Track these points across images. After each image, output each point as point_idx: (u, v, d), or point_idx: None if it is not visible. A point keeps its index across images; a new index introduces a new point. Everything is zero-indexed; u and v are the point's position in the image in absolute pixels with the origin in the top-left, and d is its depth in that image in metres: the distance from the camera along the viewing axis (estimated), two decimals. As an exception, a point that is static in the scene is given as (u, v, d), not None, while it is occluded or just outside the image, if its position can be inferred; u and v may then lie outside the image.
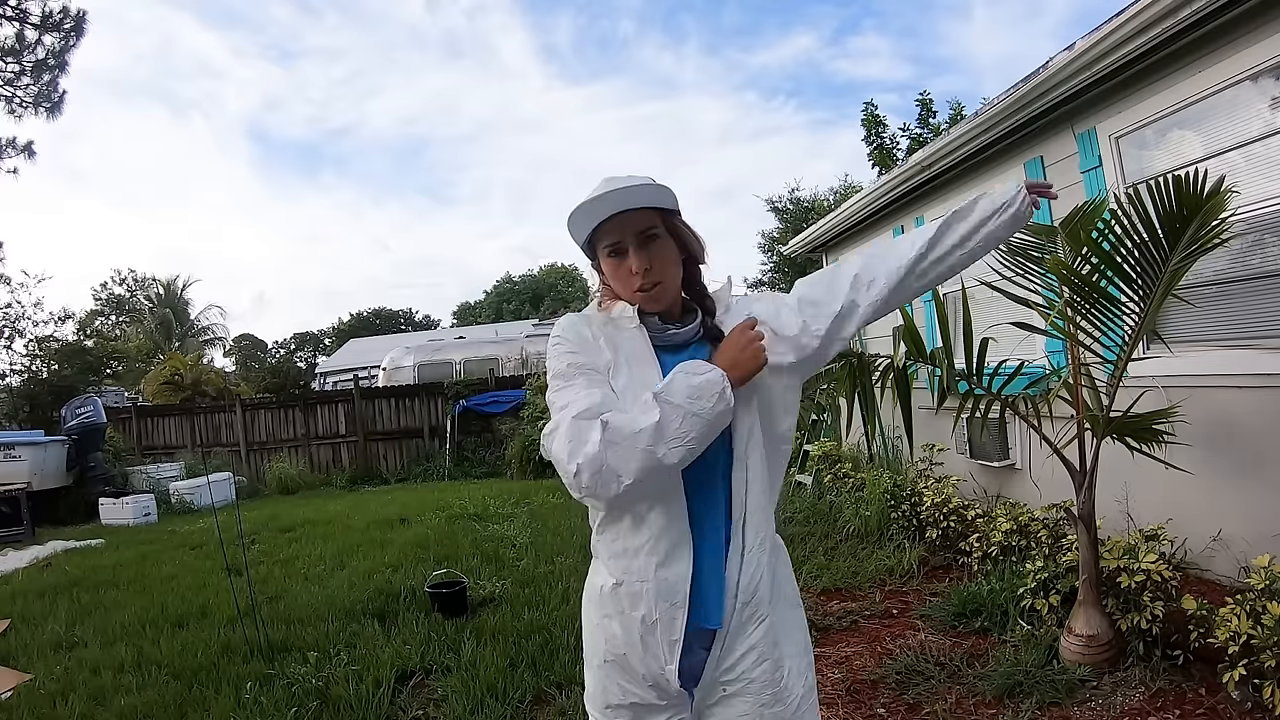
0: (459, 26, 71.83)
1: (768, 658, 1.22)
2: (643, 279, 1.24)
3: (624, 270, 1.26)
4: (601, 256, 1.29)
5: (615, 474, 1.09)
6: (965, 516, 3.98)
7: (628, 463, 1.09)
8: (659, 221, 1.26)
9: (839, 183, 19.78)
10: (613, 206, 1.22)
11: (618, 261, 1.26)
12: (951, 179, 5.21)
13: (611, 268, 1.28)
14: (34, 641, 3.88)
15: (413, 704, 2.91)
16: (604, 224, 1.25)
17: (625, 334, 1.27)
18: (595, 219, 1.24)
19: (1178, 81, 3.30)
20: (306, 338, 42.06)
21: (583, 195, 1.23)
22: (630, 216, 1.23)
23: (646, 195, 1.23)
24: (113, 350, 19.92)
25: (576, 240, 1.30)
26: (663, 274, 1.26)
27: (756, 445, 1.22)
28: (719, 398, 1.13)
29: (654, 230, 1.25)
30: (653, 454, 1.09)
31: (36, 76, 10.56)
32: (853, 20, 59.90)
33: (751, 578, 1.21)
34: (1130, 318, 2.57)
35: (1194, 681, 2.47)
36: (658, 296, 1.27)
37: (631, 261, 1.24)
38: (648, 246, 1.25)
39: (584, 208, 1.22)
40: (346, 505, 8.54)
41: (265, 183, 73.69)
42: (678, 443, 1.10)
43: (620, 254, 1.26)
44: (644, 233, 1.25)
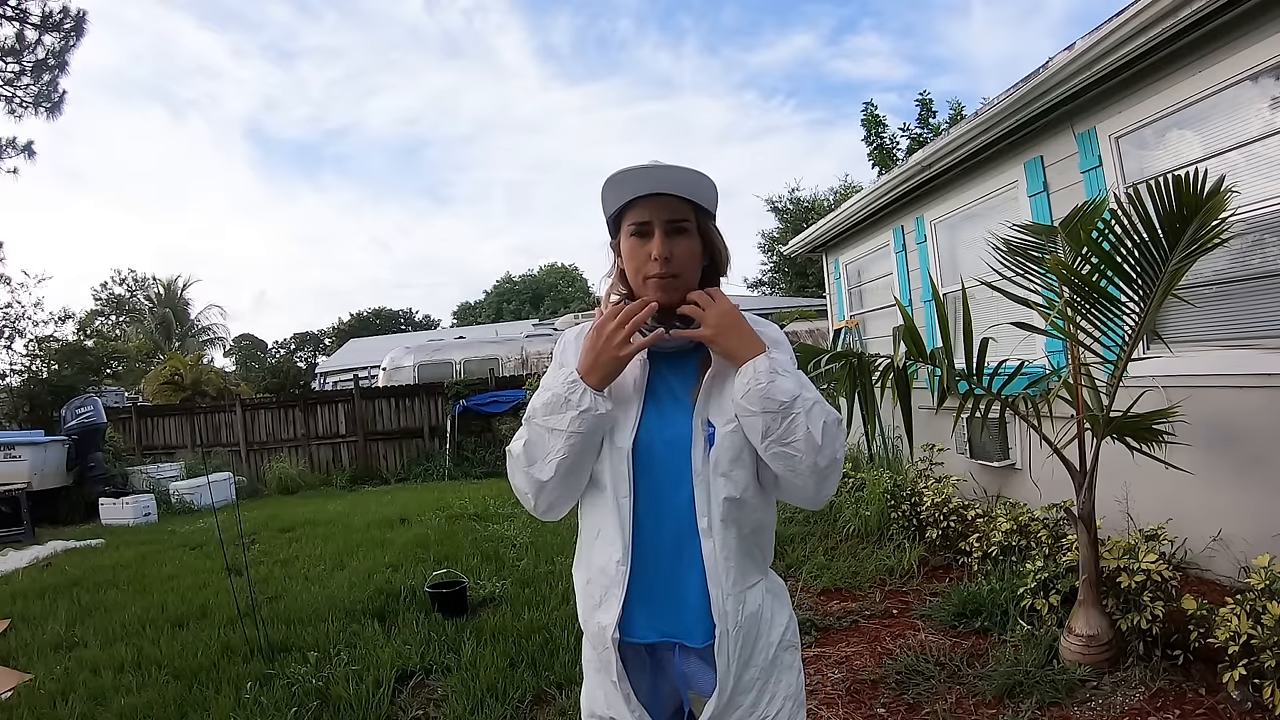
0: (457, 26, 71.93)
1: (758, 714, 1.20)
2: (661, 267, 1.19)
3: (643, 253, 1.20)
4: (624, 235, 1.24)
5: (521, 493, 1.23)
6: (965, 516, 3.98)
7: (520, 484, 1.22)
8: (692, 216, 1.21)
9: (839, 183, 19.83)
10: (651, 184, 1.18)
11: (639, 242, 1.21)
12: (951, 179, 5.21)
13: (631, 247, 1.22)
14: (34, 641, 3.88)
15: (413, 704, 2.91)
16: (637, 201, 1.20)
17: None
18: (631, 191, 1.19)
19: (1178, 81, 3.30)
20: (306, 338, 42.08)
21: (625, 171, 1.19)
22: (666, 201, 1.18)
23: (689, 183, 1.19)
24: (113, 350, 19.91)
25: (605, 209, 1.25)
26: (682, 268, 1.21)
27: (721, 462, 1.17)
28: (571, 407, 1.14)
29: (685, 223, 1.20)
30: (530, 475, 1.19)
31: (36, 76, 10.56)
32: (851, 20, 60.02)
33: (734, 603, 1.17)
34: (1130, 318, 2.57)
35: (1194, 681, 2.47)
36: (670, 287, 1.21)
37: (654, 245, 1.19)
38: (674, 237, 1.20)
39: (622, 177, 1.18)
40: (346, 505, 8.53)
41: (265, 183, 73.86)
42: (548, 459, 1.16)
43: (644, 235, 1.20)
44: (675, 222, 1.20)
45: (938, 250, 5.59)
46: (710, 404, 1.19)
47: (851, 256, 7.43)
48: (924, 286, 5.61)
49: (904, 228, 6.07)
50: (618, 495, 1.19)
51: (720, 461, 1.16)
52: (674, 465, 1.18)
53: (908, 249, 6.04)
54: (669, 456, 1.19)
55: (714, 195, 1.23)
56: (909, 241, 6.00)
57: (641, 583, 1.20)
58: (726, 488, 1.16)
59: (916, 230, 5.83)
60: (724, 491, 1.16)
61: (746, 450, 1.18)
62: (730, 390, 1.17)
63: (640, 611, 1.20)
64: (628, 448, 1.18)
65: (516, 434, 1.22)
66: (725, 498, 1.16)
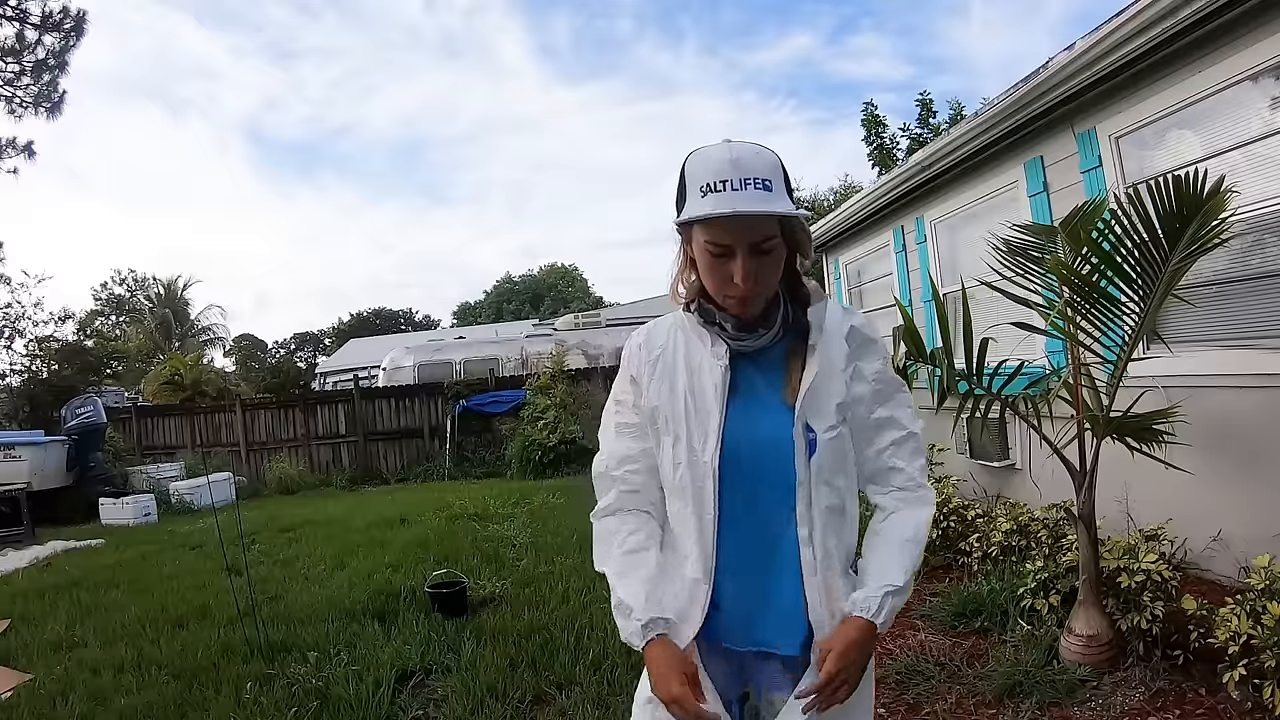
0: (456, 26, 71.94)
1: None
2: (744, 292, 1.10)
3: (724, 273, 1.10)
4: (697, 242, 1.13)
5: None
6: (965, 516, 3.98)
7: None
8: (779, 232, 1.11)
9: (839, 183, 19.78)
10: (733, 212, 1.05)
11: (718, 262, 1.10)
12: (951, 179, 5.21)
13: (709, 264, 1.12)
14: (34, 641, 3.88)
15: (413, 704, 2.90)
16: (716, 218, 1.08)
17: (695, 349, 1.19)
18: (711, 208, 1.07)
19: (1178, 81, 3.30)
20: (306, 338, 42.08)
21: (704, 158, 1.08)
22: (751, 222, 1.07)
23: (778, 207, 1.08)
24: (113, 350, 19.93)
25: (678, 203, 1.13)
26: (766, 286, 1.12)
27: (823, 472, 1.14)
28: (626, 631, 1.14)
29: (772, 242, 1.10)
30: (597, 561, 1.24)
31: (36, 76, 10.55)
32: (851, 20, 60.10)
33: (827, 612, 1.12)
34: (1130, 318, 2.57)
35: (1194, 681, 2.47)
36: (751, 305, 1.13)
37: (737, 269, 1.09)
38: (759, 259, 1.09)
39: (706, 200, 1.06)
40: (346, 505, 8.53)
41: (265, 183, 73.92)
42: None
43: (725, 256, 1.10)
44: (761, 244, 1.09)
45: (938, 250, 5.59)
46: (808, 407, 1.12)
47: (851, 256, 7.42)
48: (924, 286, 5.61)
49: (904, 228, 6.07)
50: (700, 512, 1.13)
51: (823, 469, 1.12)
52: (764, 468, 1.13)
53: (908, 249, 6.04)
54: (757, 459, 1.13)
55: (791, 197, 1.12)
56: (909, 241, 6.00)
57: (726, 593, 1.15)
58: (829, 496, 1.13)
59: (916, 230, 5.83)
60: (826, 500, 1.13)
61: (849, 458, 1.17)
62: (831, 391, 1.14)
63: (721, 621, 1.15)
64: (713, 461, 1.12)
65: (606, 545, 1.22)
66: (827, 506, 1.13)
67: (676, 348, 1.21)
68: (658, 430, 1.19)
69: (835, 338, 1.19)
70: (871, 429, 1.21)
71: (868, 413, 1.20)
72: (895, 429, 1.21)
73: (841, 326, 1.20)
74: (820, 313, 1.19)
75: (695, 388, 1.16)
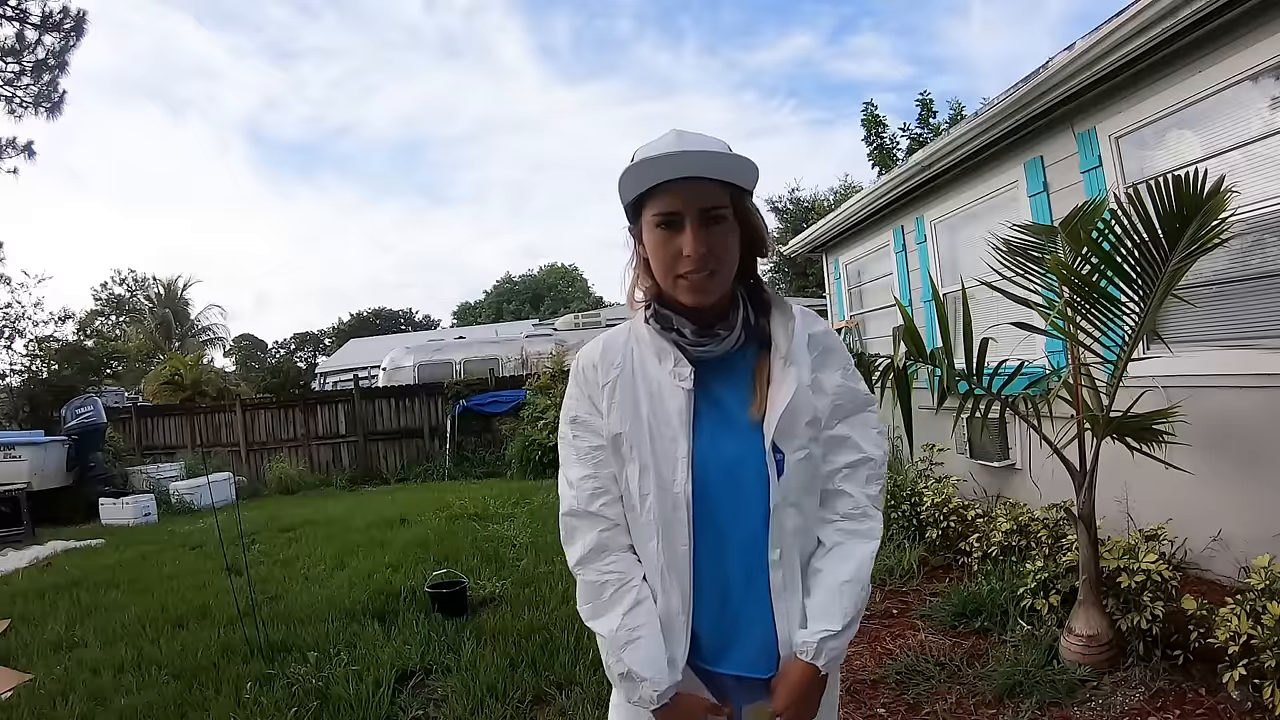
0: (456, 26, 71.96)
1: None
2: (696, 264, 1.03)
3: (673, 248, 1.04)
4: (647, 225, 1.07)
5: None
6: (965, 516, 3.98)
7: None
8: (730, 202, 1.04)
9: (839, 183, 19.85)
10: (683, 169, 1.00)
11: (668, 235, 1.04)
12: (951, 179, 5.21)
13: (658, 241, 1.05)
14: (34, 641, 3.88)
15: (413, 704, 2.91)
16: (664, 187, 1.03)
17: (654, 368, 1.11)
18: (656, 177, 1.02)
19: (1178, 81, 3.30)
20: (306, 338, 42.08)
21: (648, 144, 1.04)
22: (699, 187, 1.02)
23: (728, 166, 1.02)
24: (113, 350, 19.92)
25: (624, 197, 1.08)
26: (720, 262, 1.05)
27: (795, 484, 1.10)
28: (633, 695, 1.08)
29: (722, 211, 1.04)
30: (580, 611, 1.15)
31: (36, 76, 10.55)
32: (851, 20, 60.02)
33: (784, 629, 1.10)
34: (1130, 318, 2.57)
35: (1194, 681, 2.47)
36: (706, 287, 1.05)
37: (686, 240, 1.02)
38: (710, 228, 1.03)
39: (647, 162, 1.01)
40: (346, 505, 8.53)
41: (265, 182, 73.95)
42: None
43: (674, 227, 1.04)
44: (710, 210, 1.03)
45: (938, 250, 5.59)
46: (778, 427, 1.07)
47: (851, 256, 7.42)
48: (924, 286, 5.61)
49: (904, 228, 6.07)
50: (674, 544, 1.08)
51: (791, 490, 1.08)
52: (734, 492, 1.08)
53: (908, 249, 6.04)
54: (727, 484, 1.08)
55: (755, 173, 1.06)
56: (909, 241, 6.00)
57: (704, 622, 1.11)
58: (796, 517, 1.09)
59: (916, 230, 5.83)
60: (793, 521, 1.09)
61: (818, 478, 1.13)
62: (799, 412, 1.09)
63: (699, 647, 1.12)
64: (685, 490, 1.07)
65: (596, 601, 1.13)
66: (794, 528, 1.09)
67: (635, 368, 1.12)
68: (621, 457, 1.11)
69: (799, 348, 1.13)
70: (826, 446, 1.14)
71: (825, 428, 1.14)
72: (851, 451, 1.15)
73: (802, 335, 1.15)
74: (783, 317, 1.13)
75: (659, 413, 1.09)
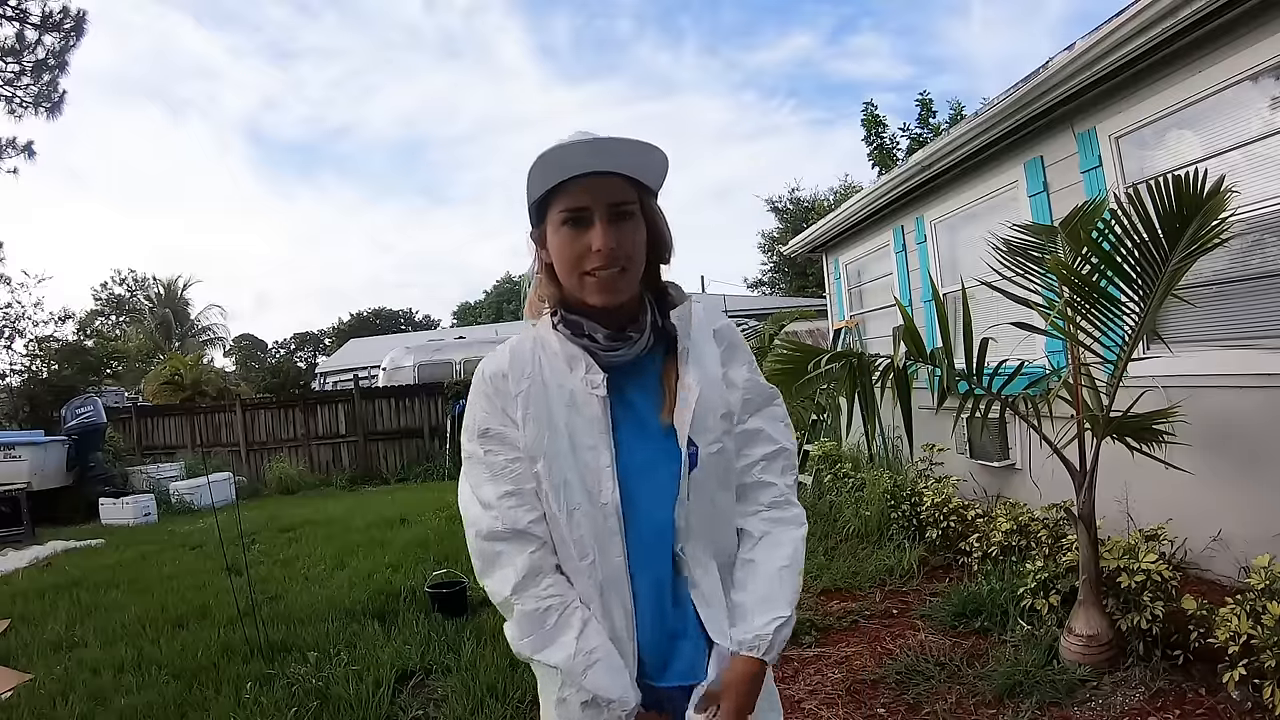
0: (456, 26, 71.98)
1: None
2: (605, 260, 0.99)
3: (581, 245, 1.01)
4: (552, 225, 1.03)
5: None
6: (965, 516, 3.98)
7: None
8: (637, 198, 1.03)
9: (839, 183, 19.86)
10: (590, 161, 0.98)
11: (575, 233, 1.01)
12: (951, 179, 5.21)
13: (564, 240, 1.02)
14: (34, 641, 3.88)
15: (413, 704, 2.91)
16: (569, 182, 1.00)
17: (565, 377, 1.07)
18: (562, 172, 0.99)
19: (1178, 81, 3.30)
20: (306, 338, 42.11)
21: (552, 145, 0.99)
22: (606, 182, 1.00)
23: (636, 159, 1.01)
24: (113, 350, 19.91)
25: (531, 195, 1.04)
26: (630, 259, 1.02)
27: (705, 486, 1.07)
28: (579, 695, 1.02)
29: (629, 206, 1.02)
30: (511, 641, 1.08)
31: (36, 76, 10.55)
32: (851, 20, 59.91)
33: (712, 624, 1.06)
34: (1130, 318, 2.57)
35: (1194, 681, 2.47)
36: (615, 285, 1.02)
37: (595, 236, 0.99)
38: (619, 224, 1.01)
39: (555, 155, 0.97)
40: (346, 505, 8.53)
41: (265, 182, 74.00)
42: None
43: (581, 224, 1.01)
44: (618, 205, 1.01)
45: (938, 250, 5.59)
46: (691, 422, 1.05)
47: (851, 256, 7.42)
48: (924, 286, 5.61)
49: (904, 228, 6.07)
50: (610, 557, 1.04)
51: (705, 483, 1.06)
52: (655, 497, 1.05)
53: (908, 249, 6.04)
54: (647, 490, 1.06)
55: (663, 170, 1.04)
56: (909, 241, 6.00)
57: (645, 636, 1.07)
58: (709, 510, 1.07)
59: (916, 230, 5.83)
60: (705, 512, 1.06)
61: (731, 473, 1.10)
62: (712, 401, 1.07)
63: (641, 661, 1.08)
64: (614, 500, 1.03)
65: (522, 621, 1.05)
66: (706, 520, 1.07)
67: (545, 379, 1.07)
68: (538, 474, 1.05)
69: (705, 341, 1.12)
70: (740, 441, 1.13)
71: (737, 423, 1.13)
72: (766, 443, 1.14)
73: (706, 328, 1.13)
74: (685, 314, 1.10)
75: (577, 422, 1.04)
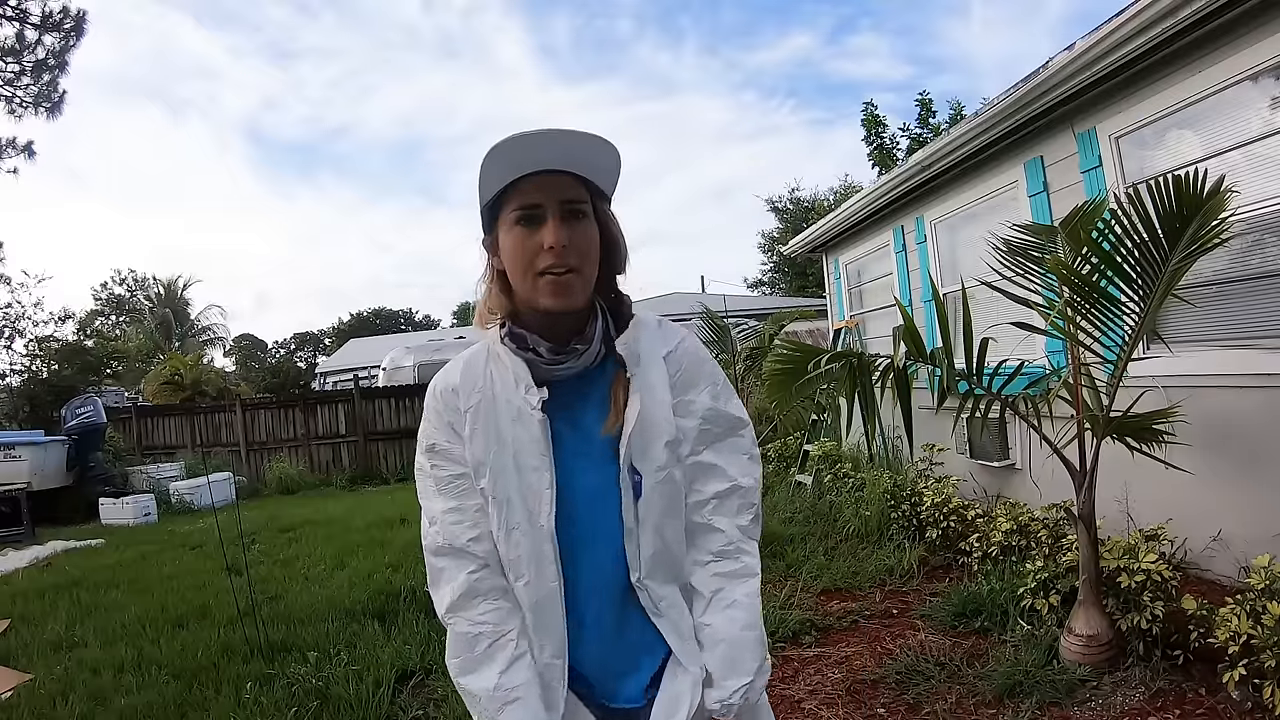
0: (455, 26, 71.96)
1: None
2: (558, 257, 0.97)
3: (533, 244, 0.98)
4: (505, 226, 1.01)
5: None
6: (965, 516, 3.98)
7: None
8: (589, 199, 1.01)
9: (839, 183, 19.87)
10: (543, 157, 0.96)
11: (527, 232, 0.98)
12: (951, 179, 5.21)
13: (517, 239, 0.99)
14: (34, 641, 3.88)
15: (413, 704, 2.91)
16: (521, 182, 0.98)
17: (512, 393, 1.04)
18: (515, 168, 0.97)
19: (1178, 81, 3.30)
20: (306, 338, 42.12)
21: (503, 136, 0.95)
22: (557, 180, 0.98)
23: (589, 157, 0.98)
24: (113, 350, 19.89)
25: (482, 198, 1.01)
26: (583, 258, 0.99)
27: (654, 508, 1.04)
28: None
29: (582, 206, 1.00)
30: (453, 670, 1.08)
31: (36, 76, 10.54)
32: (850, 20, 59.85)
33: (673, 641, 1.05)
34: (1130, 318, 2.57)
35: (1194, 681, 2.47)
36: (569, 286, 0.98)
37: (547, 233, 0.97)
38: (570, 223, 0.98)
39: (506, 148, 0.94)
40: (346, 505, 8.53)
41: (265, 182, 73.98)
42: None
43: (534, 222, 0.98)
44: (570, 203, 0.99)
45: (938, 250, 5.59)
46: (634, 450, 1.02)
47: (851, 256, 7.42)
48: (924, 286, 5.61)
49: (904, 228, 6.07)
50: (544, 580, 1.01)
51: (649, 514, 1.03)
52: (595, 520, 1.03)
53: (908, 249, 6.04)
54: (588, 512, 1.03)
55: (616, 171, 1.02)
56: (909, 241, 6.00)
57: (587, 659, 1.06)
58: (656, 542, 1.04)
59: (916, 230, 5.83)
60: (654, 545, 1.03)
61: (678, 504, 1.06)
62: (654, 432, 1.03)
63: (587, 684, 1.07)
64: (550, 524, 1.01)
65: (464, 656, 1.06)
66: (655, 551, 1.04)
67: (495, 392, 1.05)
68: (483, 490, 1.04)
69: (653, 364, 1.07)
70: (691, 473, 1.08)
71: (690, 453, 1.07)
72: (718, 479, 1.08)
73: (656, 351, 1.08)
74: (634, 336, 1.06)
75: (521, 440, 1.02)
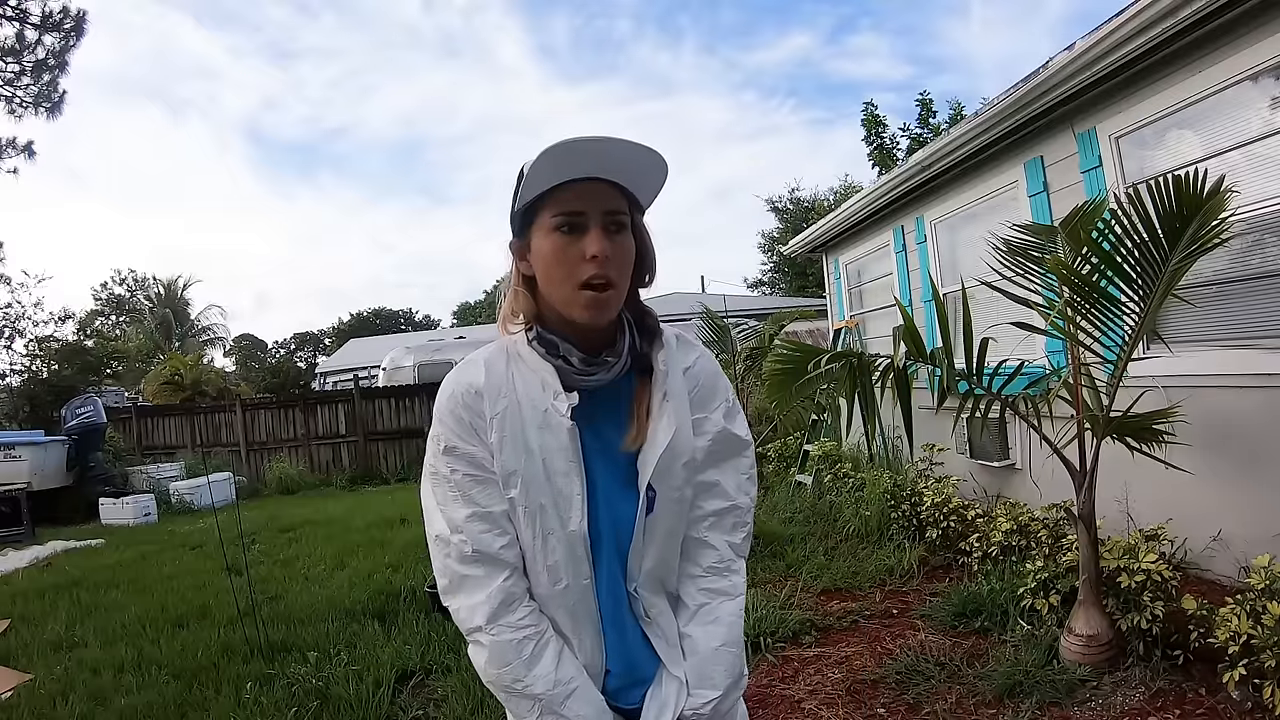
0: (455, 26, 71.94)
1: None
2: (600, 268, 0.94)
3: (575, 252, 0.95)
4: (541, 231, 0.98)
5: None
6: (965, 516, 3.98)
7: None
8: (629, 211, 0.99)
9: (839, 183, 19.87)
10: (595, 165, 0.94)
11: (568, 240, 0.96)
12: (951, 179, 5.21)
13: (557, 245, 0.96)
14: (34, 641, 3.88)
15: (413, 704, 2.91)
16: (560, 189, 0.95)
17: (539, 399, 1.02)
18: (563, 172, 0.94)
19: (1178, 81, 3.30)
20: (306, 338, 42.11)
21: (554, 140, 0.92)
22: (602, 189, 0.96)
23: (639, 167, 0.96)
24: (113, 350, 19.91)
25: (522, 199, 0.98)
26: (620, 274, 0.98)
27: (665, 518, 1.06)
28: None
29: (623, 218, 0.98)
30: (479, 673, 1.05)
31: (36, 76, 10.55)
32: (850, 20, 59.87)
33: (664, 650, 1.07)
34: (1130, 318, 2.57)
35: (1194, 681, 2.47)
36: (608, 304, 0.97)
37: (590, 242, 0.94)
38: (612, 235, 0.96)
39: (556, 152, 0.91)
40: (346, 505, 8.54)
41: (265, 182, 73.98)
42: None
43: (575, 230, 0.96)
44: (613, 214, 0.97)
45: (938, 250, 5.59)
46: (659, 468, 1.02)
47: (851, 256, 7.42)
48: (924, 286, 5.61)
49: (904, 228, 6.07)
50: (578, 582, 1.02)
51: (658, 528, 1.05)
52: (616, 530, 1.05)
53: (908, 249, 6.04)
54: (610, 519, 1.05)
55: (660, 182, 1.00)
56: (909, 241, 6.00)
57: (615, 662, 1.07)
58: (657, 555, 1.06)
59: (916, 230, 5.83)
60: (654, 559, 1.06)
61: (685, 517, 1.09)
62: (678, 453, 1.04)
63: (613, 686, 1.08)
64: (583, 529, 1.01)
65: (487, 652, 1.01)
66: (654, 565, 1.06)
67: (520, 398, 1.02)
68: (512, 499, 1.01)
69: (676, 382, 1.07)
70: (696, 490, 1.09)
71: (697, 472, 1.09)
72: (719, 498, 1.10)
73: (678, 367, 1.08)
74: (664, 354, 1.06)
75: (549, 446, 1.01)
